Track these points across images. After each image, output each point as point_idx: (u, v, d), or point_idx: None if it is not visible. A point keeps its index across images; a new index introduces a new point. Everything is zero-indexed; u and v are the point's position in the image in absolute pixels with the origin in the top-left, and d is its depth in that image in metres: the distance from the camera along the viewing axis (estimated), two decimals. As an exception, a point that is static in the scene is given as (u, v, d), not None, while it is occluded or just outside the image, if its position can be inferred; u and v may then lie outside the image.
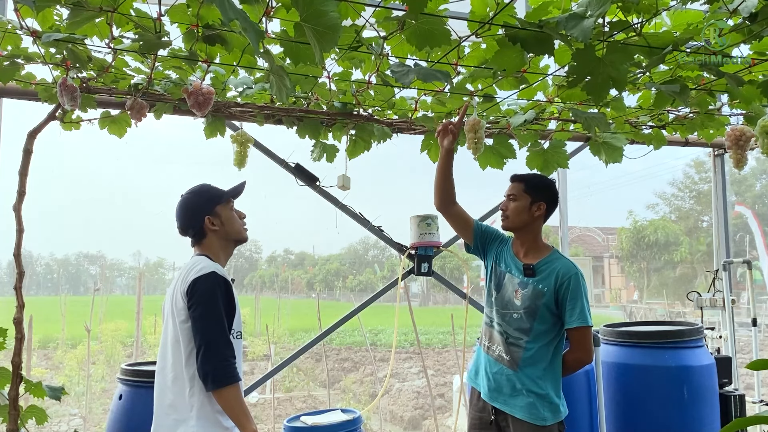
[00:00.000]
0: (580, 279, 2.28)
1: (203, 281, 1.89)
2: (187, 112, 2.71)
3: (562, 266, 2.30)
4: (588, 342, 2.27)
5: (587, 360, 2.32)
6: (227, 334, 1.88)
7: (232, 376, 1.83)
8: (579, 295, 2.25)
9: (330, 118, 2.94)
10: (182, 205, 2.09)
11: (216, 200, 2.09)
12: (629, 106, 2.80)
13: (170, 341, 1.94)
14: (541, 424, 2.22)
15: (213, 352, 1.83)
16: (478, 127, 2.63)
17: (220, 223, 2.08)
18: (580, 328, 2.25)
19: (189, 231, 2.08)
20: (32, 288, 58.58)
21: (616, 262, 35.29)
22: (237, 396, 1.85)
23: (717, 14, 1.89)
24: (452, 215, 2.53)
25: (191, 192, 2.11)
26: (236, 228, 2.12)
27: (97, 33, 2.06)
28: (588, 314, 2.26)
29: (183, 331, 1.90)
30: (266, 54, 1.69)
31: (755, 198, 32.34)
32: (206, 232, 2.06)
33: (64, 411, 8.19)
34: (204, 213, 2.06)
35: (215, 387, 1.82)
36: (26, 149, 2.47)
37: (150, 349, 10.78)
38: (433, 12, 1.85)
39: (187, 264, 2.02)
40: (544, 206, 2.38)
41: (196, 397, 1.86)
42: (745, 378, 7.33)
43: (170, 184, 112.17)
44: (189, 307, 1.89)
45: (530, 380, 2.26)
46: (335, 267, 49.52)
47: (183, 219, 2.09)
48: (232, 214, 2.13)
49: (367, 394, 9.69)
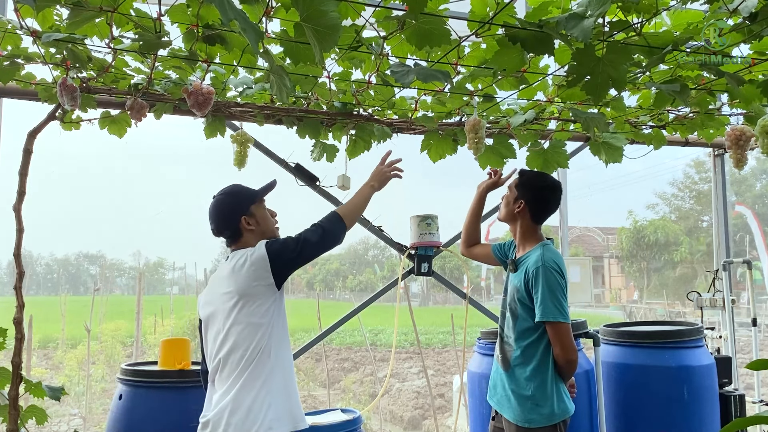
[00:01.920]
0: (544, 271, 2.16)
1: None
2: (187, 112, 2.71)
3: (533, 259, 2.23)
4: (560, 338, 2.15)
5: (565, 357, 2.17)
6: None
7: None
8: (541, 287, 2.15)
9: (330, 118, 2.94)
10: (216, 206, 2.09)
11: (251, 200, 2.10)
12: (629, 106, 2.80)
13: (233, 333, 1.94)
14: (526, 426, 2.18)
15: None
16: (479, 127, 2.63)
17: (256, 222, 2.09)
18: (549, 324, 2.15)
19: (225, 232, 2.09)
20: (32, 288, 58.61)
21: (616, 262, 35.29)
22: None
23: (717, 14, 1.89)
24: (477, 255, 2.70)
25: (224, 193, 2.11)
26: (270, 227, 2.14)
27: (97, 33, 2.06)
28: (552, 308, 2.13)
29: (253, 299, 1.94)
30: (266, 54, 1.69)
31: (755, 198, 32.34)
32: (242, 232, 2.07)
33: (64, 411, 8.19)
34: (240, 213, 2.06)
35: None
36: (26, 149, 2.47)
37: (150, 349, 10.77)
38: (433, 12, 1.85)
39: (231, 257, 2.04)
40: (523, 204, 2.35)
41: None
42: (745, 378, 7.33)
43: (170, 184, 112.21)
44: (272, 253, 1.94)
45: (516, 382, 2.23)
46: (335, 267, 49.53)
47: (218, 220, 2.08)
48: (266, 213, 2.15)
49: (367, 394, 9.69)
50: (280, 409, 1.90)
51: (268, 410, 1.87)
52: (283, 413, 1.91)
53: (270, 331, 1.95)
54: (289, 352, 2.03)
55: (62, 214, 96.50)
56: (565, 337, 2.17)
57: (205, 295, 2.11)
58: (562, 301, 2.18)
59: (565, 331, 2.17)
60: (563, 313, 2.17)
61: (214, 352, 1.98)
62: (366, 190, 2.29)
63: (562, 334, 2.17)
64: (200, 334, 2.14)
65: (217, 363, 1.97)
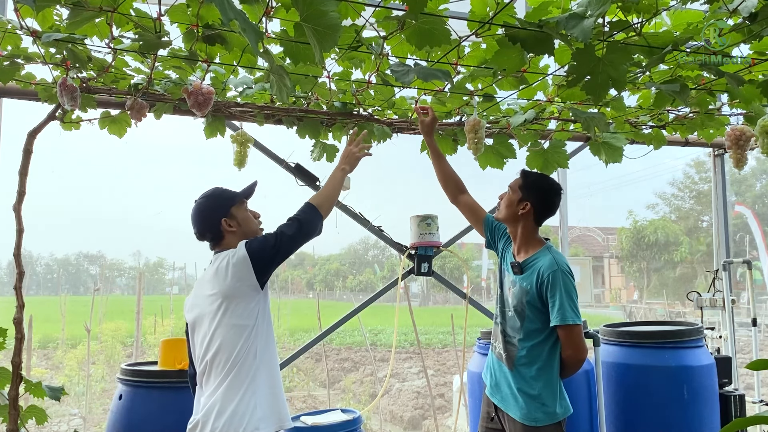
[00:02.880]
0: (561, 275, 2.20)
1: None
2: (187, 112, 2.71)
3: (545, 263, 2.25)
4: (575, 339, 2.20)
5: (577, 357, 2.23)
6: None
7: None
8: (559, 291, 2.18)
9: (330, 117, 2.94)
10: (197, 210, 2.10)
11: (230, 202, 2.10)
12: (629, 106, 2.80)
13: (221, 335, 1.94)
14: (533, 425, 2.20)
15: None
16: (479, 127, 2.63)
17: (237, 224, 2.09)
18: (564, 326, 2.18)
19: (207, 235, 2.10)
20: (32, 288, 58.53)
21: (616, 262, 35.28)
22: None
23: (717, 14, 1.89)
24: (461, 204, 2.63)
25: (204, 196, 2.12)
26: (253, 228, 2.14)
27: (97, 33, 2.06)
28: (570, 311, 2.17)
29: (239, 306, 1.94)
30: (266, 54, 1.69)
31: (755, 198, 32.31)
32: (224, 234, 2.08)
33: (64, 411, 8.19)
34: (219, 216, 2.07)
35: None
36: (26, 149, 2.47)
37: (150, 349, 10.77)
38: (433, 12, 1.85)
39: (213, 260, 2.05)
40: (529, 207, 2.34)
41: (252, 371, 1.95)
42: (745, 378, 7.32)
43: (170, 184, 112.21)
44: (252, 252, 1.95)
45: (523, 380, 2.25)
46: (335, 267, 49.49)
47: (199, 224, 2.10)
48: (248, 215, 2.15)
49: (367, 394, 9.68)
50: (266, 409, 1.92)
51: (254, 410, 1.89)
52: (269, 413, 1.93)
53: (255, 332, 1.96)
54: (274, 351, 2.05)
55: (62, 214, 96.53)
56: (579, 339, 2.22)
57: (191, 298, 2.12)
58: (577, 304, 2.22)
59: (579, 332, 2.22)
60: (579, 315, 2.21)
61: (201, 355, 1.99)
62: (337, 174, 2.29)
63: (575, 336, 2.21)
64: (187, 338, 2.14)
65: (204, 366, 1.98)
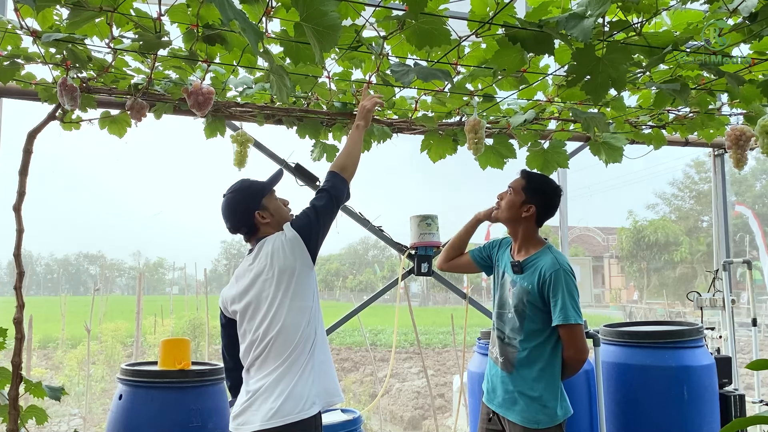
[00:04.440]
0: (563, 275, 2.19)
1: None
2: (187, 112, 2.71)
3: (547, 262, 2.24)
4: (576, 339, 2.19)
5: (579, 358, 2.22)
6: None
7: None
8: (561, 291, 2.17)
9: (330, 118, 2.94)
10: (228, 205, 2.08)
11: (261, 193, 2.10)
12: (629, 106, 2.80)
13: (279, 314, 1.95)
14: (534, 428, 2.19)
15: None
16: (479, 127, 2.63)
17: (270, 214, 2.09)
18: (566, 326, 2.17)
19: (242, 228, 2.09)
20: (32, 288, 58.54)
21: (616, 262, 35.29)
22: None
23: (717, 14, 1.89)
24: (457, 266, 2.69)
25: (234, 190, 2.10)
26: (285, 216, 2.14)
27: (97, 33, 2.06)
28: (572, 311, 2.16)
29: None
30: (266, 54, 1.69)
31: (755, 198, 32.32)
32: (259, 227, 2.07)
33: (64, 411, 8.19)
34: (253, 209, 2.06)
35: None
36: (26, 149, 2.47)
37: (150, 349, 10.76)
38: (433, 12, 1.85)
39: (257, 248, 2.04)
40: (533, 209, 2.34)
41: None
42: (745, 378, 7.33)
43: (170, 184, 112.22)
44: (300, 230, 1.99)
45: (523, 382, 2.23)
46: (335, 267, 49.50)
47: (233, 219, 2.08)
48: (278, 203, 2.15)
49: (367, 394, 9.69)
50: (320, 385, 1.97)
51: (311, 387, 1.94)
52: (322, 389, 1.98)
53: (313, 312, 2.00)
54: (324, 328, 2.10)
55: (62, 214, 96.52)
56: (580, 338, 2.21)
57: (234, 288, 2.07)
58: (579, 303, 2.22)
59: (580, 332, 2.21)
60: (581, 314, 2.21)
61: (259, 339, 1.97)
62: (354, 133, 2.27)
63: (577, 335, 2.20)
64: (225, 332, 2.13)
65: (262, 349, 1.96)
